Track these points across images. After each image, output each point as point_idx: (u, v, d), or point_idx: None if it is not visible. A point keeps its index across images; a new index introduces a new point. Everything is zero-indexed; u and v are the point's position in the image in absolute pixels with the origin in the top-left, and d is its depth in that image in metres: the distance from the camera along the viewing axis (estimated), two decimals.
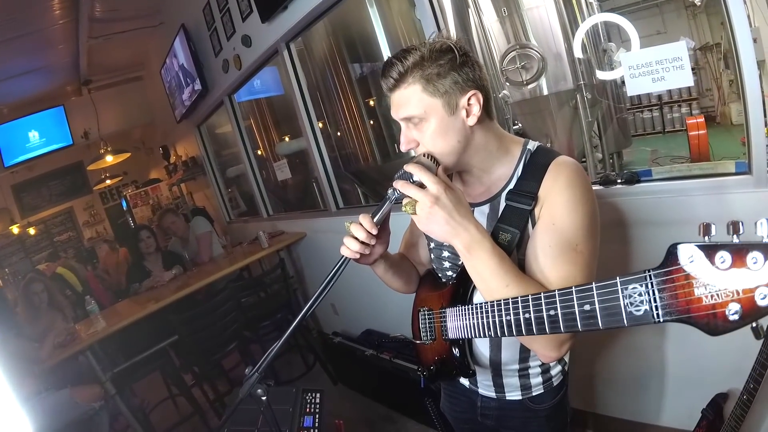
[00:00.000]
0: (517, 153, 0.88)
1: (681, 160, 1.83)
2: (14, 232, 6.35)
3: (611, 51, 1.70)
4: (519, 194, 0.83)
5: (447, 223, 0.72)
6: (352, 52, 2.80)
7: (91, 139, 5.89)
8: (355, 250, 0.82)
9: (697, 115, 1.98)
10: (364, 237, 0.81)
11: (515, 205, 0.83)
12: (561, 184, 0.80)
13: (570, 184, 0.79)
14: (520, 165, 0.87)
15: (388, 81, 0.81)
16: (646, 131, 2.37)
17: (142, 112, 6.31)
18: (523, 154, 0.88)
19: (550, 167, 0.82)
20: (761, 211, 1.06)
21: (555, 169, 0.82)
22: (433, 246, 1.03)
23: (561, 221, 0.78)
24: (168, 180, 6.69)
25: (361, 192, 3.18)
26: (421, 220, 0.74)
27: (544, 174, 0.82)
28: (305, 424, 1.38)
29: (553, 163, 0.82)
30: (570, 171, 0.81)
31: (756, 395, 1.10)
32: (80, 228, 7.18)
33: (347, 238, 0.83)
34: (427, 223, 0.74)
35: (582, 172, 0.82)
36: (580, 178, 0.81)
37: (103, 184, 6.12)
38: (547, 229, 0.79)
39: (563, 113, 2.04)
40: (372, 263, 0.93)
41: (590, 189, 0.82)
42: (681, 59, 1.26)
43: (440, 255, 1.01)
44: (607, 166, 2.23)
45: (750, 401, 1.12)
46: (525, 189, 0.83)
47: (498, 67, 2.09)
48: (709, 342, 1.12)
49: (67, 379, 2.46)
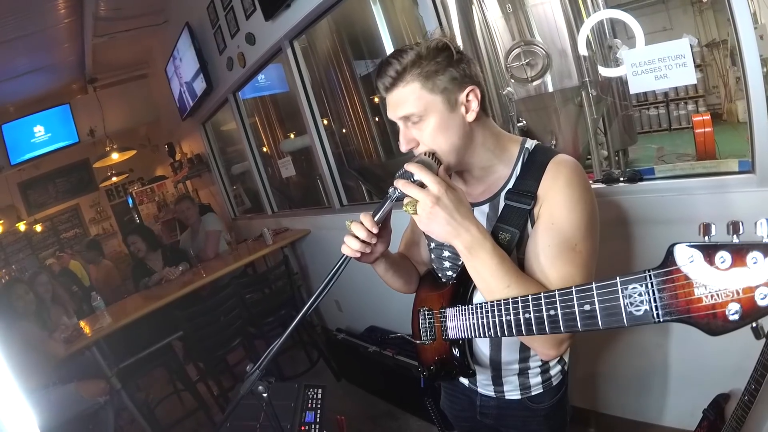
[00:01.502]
0: (516, 152, 0.88)
1: (687, 157, 1.81)
2: (21, 229, 6.39)
3: (616, 47, 1.69)
4: (518, 194, 0.83)
5: (448, 224, 0.72)
6: (355, 50, 2.79)
7: (97, 136, 5.92)
8: (355, 248, 0.81)
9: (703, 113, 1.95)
10: (365, 236, 0.80)
11: (514, 204, 0.83)
12: (560, 184, 0.79)
13: (569, 183, 0.79)
14: (519, 164, 0.87)
15: (385, 80, 0.81)
16: (652, 128, 2.35)
17: (147, 109, 6.34)
18: (521, 153, 0.87)
19: (548, 166, 0.82)
20: (765, 210, 1.05)
21: (554, 168, 0.81)
22: (433, 246, 1.03)
23: (560, 221, 0.78)
24: (173, 177, 6.72)
25: (365, 189, 3.19)
26: (422, 220, 0.74)
27: (543, 173, 0.82)
28: (307, 420, 1.39)
29: (551, 162, 0.82)
30: (569, 170, 0.81)
31: (757, 396, 1.09)
32: (87, 225, 7.22)
33: (348, 237, 0.82)
34: (427, 223, 0.73)
35: (581, 171, 0.82)
36: (579, 177, 0.81)
37: (109, 182, 6.15)
38: (546, 228, 0.79)
39: (568, 110, 2.02)
40: (373, 262, 0.93)
41: (589, 188, 0.82)
42: (684, 56, 1.25)
43: (440, 255, 1.01)
44: (613, 163, 2.21)
45: (751, 402, 1.11)
46: (524, 188, 0.83)
47: (502, 64, 2.08)
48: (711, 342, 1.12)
49: (73, 373, 2.48)
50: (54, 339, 2.50)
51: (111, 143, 5.20)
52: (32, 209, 6.66)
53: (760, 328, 0.41)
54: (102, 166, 5.87)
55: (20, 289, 2.60)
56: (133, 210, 7.25)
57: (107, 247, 7.25)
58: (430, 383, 0.98)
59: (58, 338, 2.52)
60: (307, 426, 1.37)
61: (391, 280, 1.03)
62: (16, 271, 6.35)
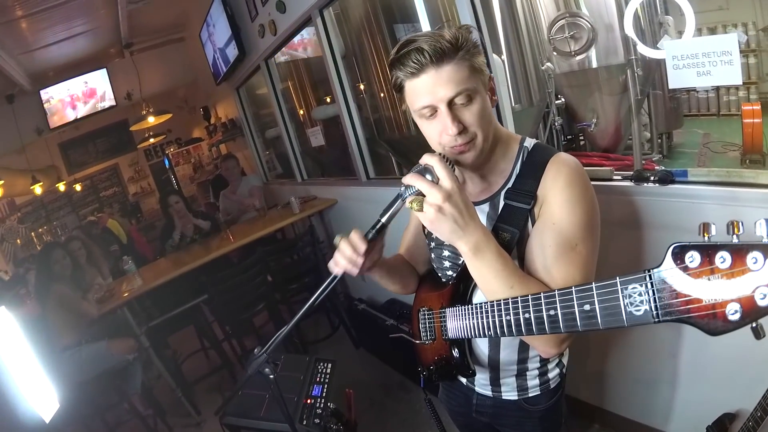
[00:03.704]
0: (515, 150, 0.86)
1: (733, 147, 1.69)
2: (60, 189, 6.67)
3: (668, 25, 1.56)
4: (518, 193, 0.82)
5: (455, 222, 0.70)
6: (389, 16, 2.70)
7: (134, 99, 6.07)
8: (342, 266, 0.81)
9: (753, 102, 1.80)
10: (352, 255, 0.79)
11: (514, 204, 0.82)
12: (561, 184, 0.78)
13: (570, 183, 0.78)
14: (518, 163, 0.85)
15: (434, 53, 0.72)
16: (700, 112, 2.20)
17: (184, 72, 6.41)
18: (521, 152, 0.86)
19: (548, 165, 0.80)
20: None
21: (554, 168, 0.80)
22: (433, 245, 1.02)
23: (561, 221, 0.77)
24: (209, 140, 6.86)
25: (395, 161, 3.15)
26: (429, 217, 0.70)
27: (543, 172, 0.80)
28: (314, 393, 1.42)
29: (551, 162, 0.80)
30: (570, 169, 0.79)
31: (762, 424, 1.05)
32: (125, 183, 7.52)
33: (337, 253, 0.81)
34: (435, 220, 0.70)
35: (581, 171, 0.80)
36: (580, 177, 0.79)
37: (147, 143, 6.33)
38: (547, 228, 0.78)
39: (612, 88, 1.92)
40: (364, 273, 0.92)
41: (590, 187, 0.80)
42: (731, 53, 1.10)
43: (440, 254, 1.00)
44: (655, 146, 2.10)
45: (755, 429, 1.06)
46: (524, 188, 0.82)
47: (544, 36, 1.98)
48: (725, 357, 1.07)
49: (104, 331, 2.63)
50: (87, 300, 2.64)
51: (147, 107, 5.31)
52: (72, 169, 6.95)
53: (760, 328, 0.41)
54: (139, 129, 6.04)
55: (58, 253, 2.71)
56: (170, 171, 7.49)
57: (145, 205, 7.57)
58: (429, 383, 0.98)
59: (92, 299, 2.66)
60: (312, 399, 1.40)
61: (386, 284, 1.03)
62: (56, 228, 6.72)
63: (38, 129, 6.05)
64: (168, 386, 2.80)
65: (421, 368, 1.00)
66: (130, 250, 4.93)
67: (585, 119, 2.11)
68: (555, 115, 2.15)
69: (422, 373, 0.98)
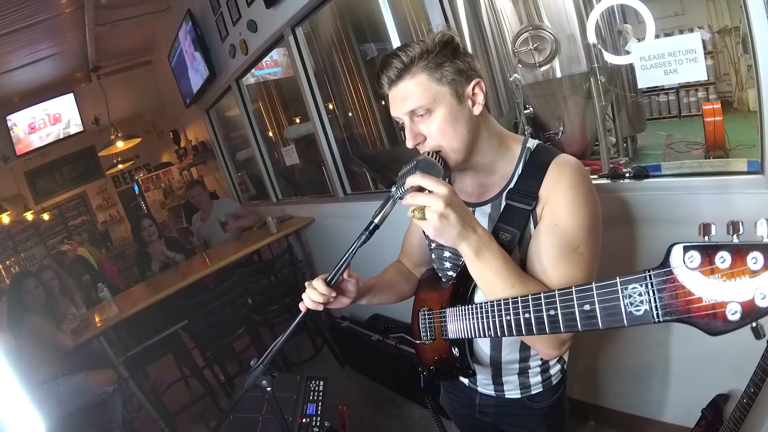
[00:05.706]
0: (517, 151, 0.87)
1: (696, 146, 1.77)
2: (28, 218, 6.44)
3: (626, 33, 1.64)
4: (520, 194, 0.82)
5: (458, 225, 0.70)
6: (359, 35, 2.75)
7: (102, 124, 5.92)
8: (309, 306, 0.86)
9: (713, 101, 1.90)
10: (318, 298, 0.85)
11: (516, 204, 0.82)
12: (563, 185, 0.78)
13: (573, 184, 0.78)
14: (521, 164, 0.85)
15: (390, 73, 0.78)
16: (661, 115, 2.30)
17: (152, 95, 6.32)
18: (523, 152, 0.86)
19: (550, 166, 0.81)
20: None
21: (557, 169, 0.80)
22: (434, 246, 1.02)
23: (563, 222, 0.77)
24: (179, 164, 6.73)
25: (370, 177, 3.17)
26: (433, 224, 0.70)
27: (545, 173, 0.80)
28: (308, 412, 1.40)
29: (553, 163, 0.81)
30: (573, 171, 0.80)
31: (756, 399, 1.08)
32: (94, 212, 7.30)
33: (305, 296, 0.86)
34: (439, 226, 0.69)
35: (584, 172, 0.81)
36: (583, 179, 0.80)
37: (115, 169, 6.17)
38: (549, 230, 0.78)
39: (576, 96, 1.99)
40: None
41: (592, 189, 0.81)
42: (695, 51, 1.18)
43: (441, 255, 1.00)
44: (621, 150, 2.17)
45: (750, 405, 1.09)
46: (526, 189, 0.82)
47: (509, 49, 2.04)
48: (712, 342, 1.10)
49: (82, 363, 2.52)
50: (62, 330, 2.53)
51: (116, 131, 5.19)
52: (39, 197, 6.72)
53: (760, 328, 0.41)
54: (107, 154, 5.88)
55: (30, 282, 2.60)
56: (139, 197, 7.30)
57: (115, 234, 7.33)
58: (430, 383, 0.97)
59: (66, 329, 2.55)
60: (308, 418, 1.38)
61: (380, 302, 1.04)
62: (24, 260, 6.44)
63: (4, 156, 5.83)
64: (150, 418, 2.69)
65: (422, 369, 0.99)
66: (101, 280, 4.75)
67: (552, 128, 2.17)
68: (524, 125, 2.21)
69: (422, 373, 0.98)
